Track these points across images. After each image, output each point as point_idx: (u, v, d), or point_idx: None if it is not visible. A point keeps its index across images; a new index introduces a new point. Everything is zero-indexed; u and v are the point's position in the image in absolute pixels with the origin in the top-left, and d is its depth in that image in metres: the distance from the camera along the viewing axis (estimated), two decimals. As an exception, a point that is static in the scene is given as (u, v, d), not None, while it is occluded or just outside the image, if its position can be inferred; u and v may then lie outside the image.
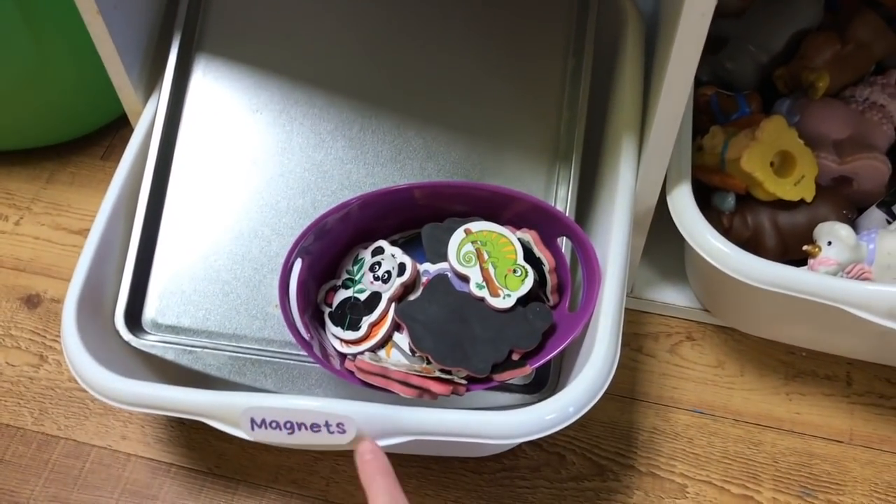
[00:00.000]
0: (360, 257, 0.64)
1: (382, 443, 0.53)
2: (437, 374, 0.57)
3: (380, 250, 0.63)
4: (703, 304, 0.77)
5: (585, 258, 0.61)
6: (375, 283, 0.62)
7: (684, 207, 0.64)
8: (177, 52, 0.70)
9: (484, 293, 0.60)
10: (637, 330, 0.78)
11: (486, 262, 0.61)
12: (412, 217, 0.64)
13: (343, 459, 0.70)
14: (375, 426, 0.53)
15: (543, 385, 0.64)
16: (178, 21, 0.70)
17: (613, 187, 0.65)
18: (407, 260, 0.61)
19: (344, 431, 0.52)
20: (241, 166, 0.69)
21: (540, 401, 0.64)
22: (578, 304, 0.62)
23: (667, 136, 0.60)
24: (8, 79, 0.82)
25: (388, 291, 0.61)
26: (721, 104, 0.75)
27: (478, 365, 0.58)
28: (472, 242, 0.61)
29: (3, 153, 0.91)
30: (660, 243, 0.75)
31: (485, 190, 0.63)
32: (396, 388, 0.56)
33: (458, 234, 0.62)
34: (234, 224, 0.68)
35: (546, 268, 0.61)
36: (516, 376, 0.58)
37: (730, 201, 0.69)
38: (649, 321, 0.78)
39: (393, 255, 0.62)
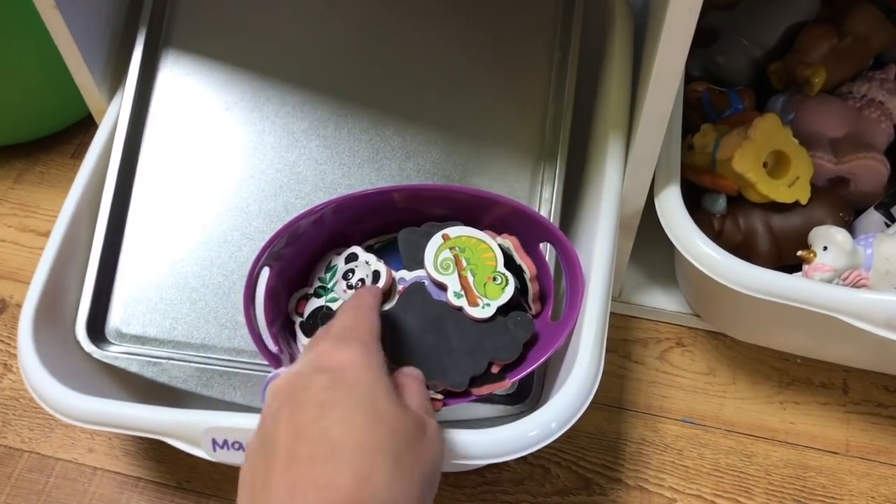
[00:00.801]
0: (332, 264, 0.60)
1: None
2: None
3: (353, 257, 0.60)
4: (694, 309, 0.74)
5: (569, 266, 0.58)
6: (349, 291, 0.58)
7: (673, 210, 0.61)
8: (142, 48, 0.66)
9: (462, 302, 0.57)
10: (625, 336, 0.75)
11: (465, 270, 0.58)
12: (390, 221, 0.61)
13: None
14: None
15: (526, 396, 0.62)
16: (143, 14, 0.67)
17: (599, 188, 0.62)
18: (382, 267, 0.58)
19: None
20: (210, 167, 0.66)
21: (522, 412, 0.62)
22: (561, 313, 0.59)
23: (655, 134, 0.57)
24: (-29, 75, 0.79)
25: None
26: (713, 100, 0.72)
27: (455, 378, 0.55)
28: (450, 249, 0.58)
29: (-30, 152, 0.88)
30: (649, 245, 0.72)
31: (464, 193, 0.60)
32: None
33: (436, 240, 0.58)
34: (202, 228, 0.65)
35: (527, 276, 0.58)
36: (496, 390, 0.56)
37: (721, 203, 0.66)
38: (638, 326, 0.75)
39: (367, 262, 0.59)
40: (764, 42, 0.72)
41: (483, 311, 0.56)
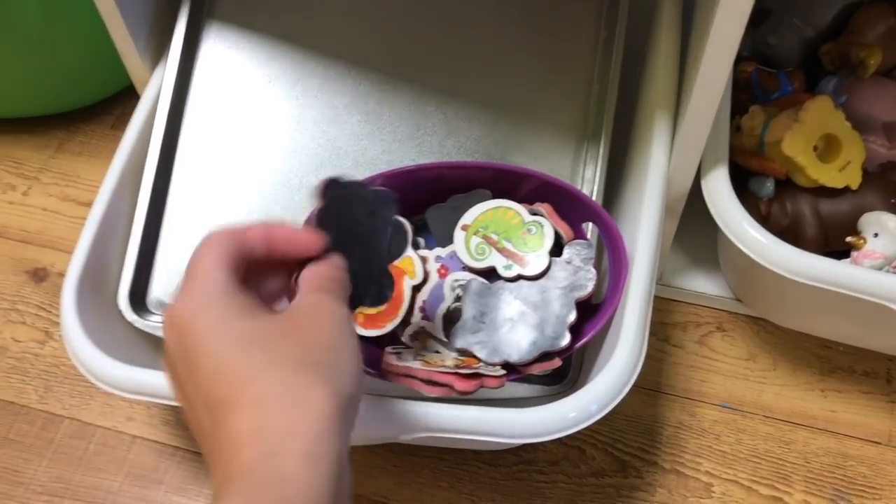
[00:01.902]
0: None
1: (398, 439, 0.51)
2: (461, 370, 0.54)
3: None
4: (736, 293, 0.73)
5: (612, 245, 0.57)
6: None
7: (720, 193, 0.60)
8: (187, 18, 0.66)
9: (514, 270, 0.56)
10: (664, 319, 0.74)
11: (500, 242, 0.57)
12: (424, 197, 0.60)
13: (353, 448, 0.68)
14: (391, 423, 0.50)
15: (564, 377, 0.61)
16: (188, -15, 0.66)
17: (645, 169, 0.61)
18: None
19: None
20: (251, 140, 0.66)
21: (560, 393, 0.62)
22: (603, 294, 0.58)
23: (704, 116, 0.56)
24: (14, 44, 0.79)
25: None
26: (762, 82, 0.70)
27: (515, 356, 0.54)
28: (475, 234, 0.57)
29: (12, 120, 0.89)
30: (691, 228, 0.71)
31: (499, 169, 0.59)
32: (420, 387, 0.53)
33: (459, 235, 0.57)
34: (243, 201, 0.65)
35: (564, 241, 0.57)
36: (545, 369, 0.55)
37: (768, 187, 0.65)
38: (678, 310, 0.74)
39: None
40: (816, 22, 0.70)
41: (537, 263, 0.55)
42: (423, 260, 0.57)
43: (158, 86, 0.66)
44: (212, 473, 0.34)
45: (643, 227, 0.57)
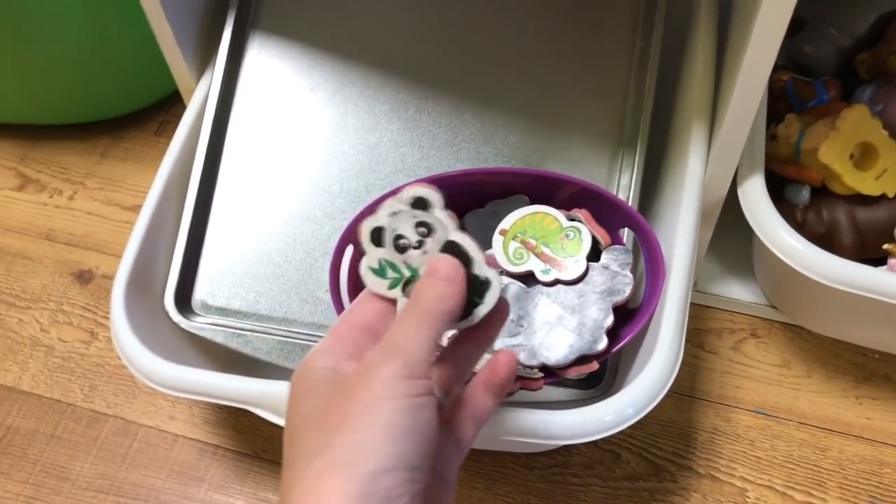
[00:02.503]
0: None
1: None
2: None
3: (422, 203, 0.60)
4: (770, 300, 0.73)
5: (649, 251, 0.58)
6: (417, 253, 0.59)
7: (757, 200, 0.61)
8: (231, 29, 0.68)
9: (552, 275, 0.56)
10: (699, 325, 0.74)
11: (538, 247, 0.58)
12: (462, 203, 0.61)
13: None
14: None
15: (599, 381, 0.62)
16: (233, -3, 0.68)
17: (681, 176, 0.62)
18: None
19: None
20: (294, 147, 0.67)
21: (594, 397, 0.63)
22: (640, 299, 0.59)
23: (741, 124, 0.56)
24: (63, 53, 0.82)
25: None
26: (797, 90, 0.70)
27: (553, 359, 0.55)
28: (514, 238, 0.58)
29: (59, 127, 0.91)
30: (726, 234, 0.71)
31: (540, 176, 0.60)
32: None
33: (497, 240, 0.58)
34: (286, 206, 0.66)
35: (602, 246, 0.57)
36: (584, 372, 0.56)
37: (804, 194, 0.65)
38: (712, 316, 0.75)
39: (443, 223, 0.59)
40: (853, 31, 0.70)
41: (575, 267, 0.56)
42: None
43: (204, 94, 0.68)
44: None
45: (680, 235, 0.58)
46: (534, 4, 0.68)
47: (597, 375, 0.62)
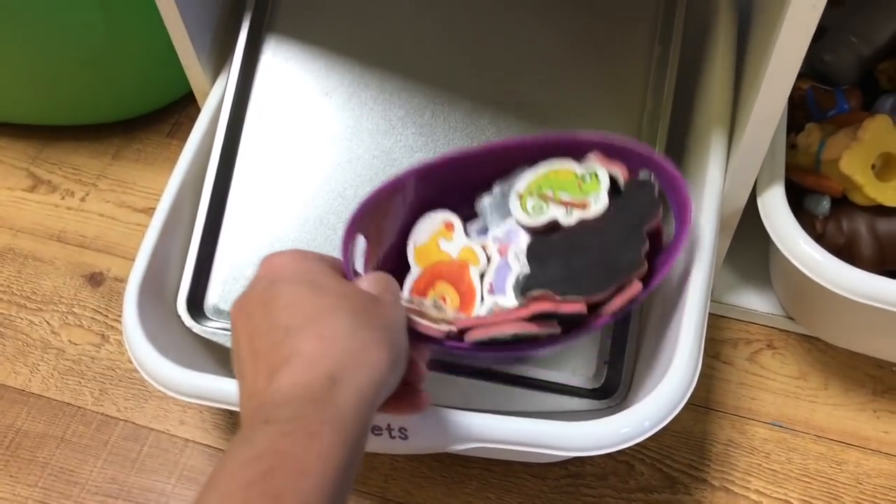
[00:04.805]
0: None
1: (448, 449, 0.51)
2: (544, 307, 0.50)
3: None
4: (787, 311, 0.72)
5: (670, 185, 0.54)
6: None
7: (776, 211, 0.60)
8: (247, 33, 0.68)
9: (575, 215, 0.54)
10: (715, 335, 0.74)
11: (556, 196, 0.56)
12: (470, 188, 0.59)
13: (402, 457, 0.68)
14: (440, 432, 0.51)
15: (612, 391, 0.62)
16: (249, 1, 0.68)
17: (701, 186, 0.61)
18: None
19: (406, 437, 0.50)
20: (308, 151, 0.67)
21: (610, 408, 0.62)
22: (670, 236, 0.56)
23: (762, 135, 0.56)
24: (78, 55, 0.81)
25: None
26: (817, 99, 0.70)
27: (594, 290, 0.50)
28: (530, 196, 0.56)
29: (72, 128, 0.91)
30: (742, 245, 0.71)
31: (544, 143, 0.57)
32: (508, 327, 0.49)
33: (514, 203, 0.56)
34: (299, 210, 0.66)
35: (621, 181, 0.55)
36: (628, 305, 0.51)
37: (824, 205, 0.64)
38: (728, 326, 0.74)
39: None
40: (874, 40, 0.70)
41: (598, 204, 0.54)
42: (483, 247, 0.56)
43: (219, 97, 0.68)
44: (254, 389, 0.37)
45: (699, 245, 0.57)
46: (551, 10, 0.67)
47: (610, 385, 0.61)
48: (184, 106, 0.93)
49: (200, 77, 0.69)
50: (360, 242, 0.55)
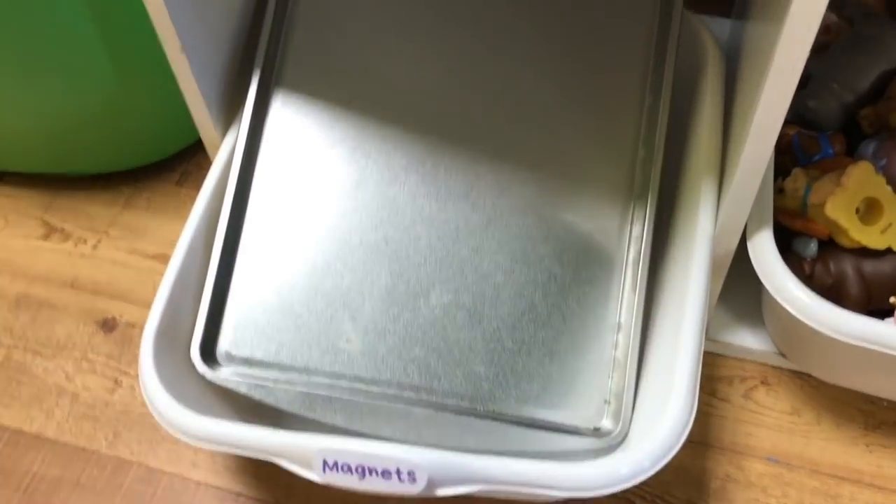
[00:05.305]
0: None
1: (453, 491, 0.53)
2: None
3: None
4: (779, 348, 0.75)
5: None
6: None
7: (766, 254, 0.63)
8: (256, 88, 0.70)
9: None
10: (710, 372, 0.76)
11: None
12: None
13: (410, 501, 0.70)
14: (448, 476, 0.52)
15: (612, 430, 0.63)
16: (258, 56, 0.71)
17: (692, 232, 0.64)
18: None
19: (415, 481, 0.52)
20: (316, 200, 0.69)
21: (610, 447, 0.64)
22: None
23: (751, 182, 0.58)
24: (89, 105, 0.84)
25: None
26: (803, 144, 0.73)
27: None
28: None
29: (83, 177, 0.94)
30: (735, 283, 0.73)
31: None
32: None
33: None
34: (308, 257, 0.68)
35: None
36: None
37: (812, 247, 0.67)
38: (723, 364, 0.76)
39: None
40: (856, 87, 0.73)
41: None
42: None
43: (229, 150, 0.70)
44: None
45: (691, 290, 0.59)
46: (546, 63, 0.70)
47: (612, 424, 0.63)
48: (192, 154, 0.96)
49: (211, 131, 0.72)
50: None
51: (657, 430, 0.54)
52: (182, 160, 0.96)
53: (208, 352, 0.66)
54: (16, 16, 0.74)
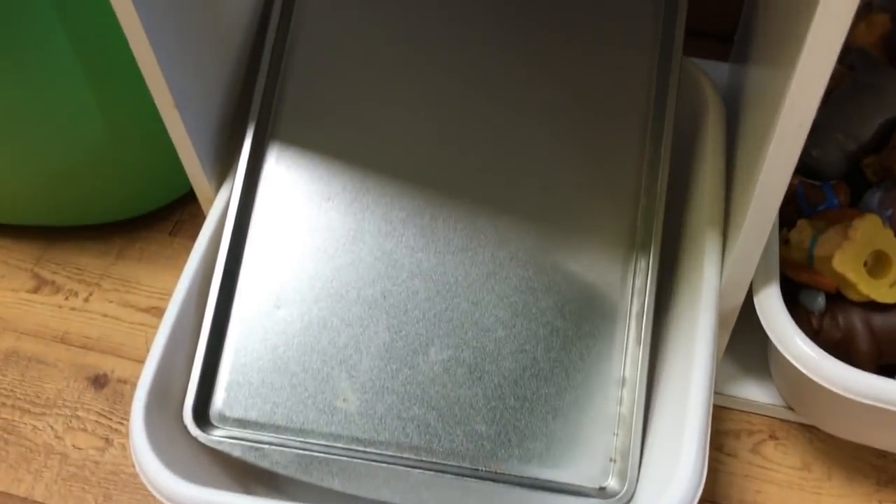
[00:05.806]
0: None
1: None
2: None
3: None
4: (788, 402, 0.73)
5: None
6: None
7: (773, 309, 0.61)
8: (251, 141, 0.69)
9: None
10: (718, 427, 0.74)
11: None
12: None
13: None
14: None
15: (618, 491, 0.62)
16: (252, 110, 0.70)
17: (698, 285, 0.62)
18: None
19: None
20: (311, 254, 0.68)
21: (616, 509, 0.62)
22: None
23: (757, 239, 0.57)
24: (81, 156, 0.83)
25: None
26: (807, 195, 0.72)
27: None
28: None
29: (75, 228, 0.92)
30: (742, 336, 0.72)
31: None
32: None
33: None
34: (303, 313, 0.67)
35: None
36: None
37: (820, 301, 0.66)
38: (730, 417, 0.75)
39: None
40: (859, 136, 0.72)
41: None
42: None
43: (224, 204, 0.69)
44: None
45: (698, 347, 0.58)
46: (546, 114, 0.69)
47: (618, 485, 0.62)
48: (185, 204, 0.95)
49: (205, 186, 0.70)
50: None
51: (668, 494, 0.52)
52: (175, 210, 0.95)
53: (201, 413, 0.64)
54: (7, 67, 0.74)
